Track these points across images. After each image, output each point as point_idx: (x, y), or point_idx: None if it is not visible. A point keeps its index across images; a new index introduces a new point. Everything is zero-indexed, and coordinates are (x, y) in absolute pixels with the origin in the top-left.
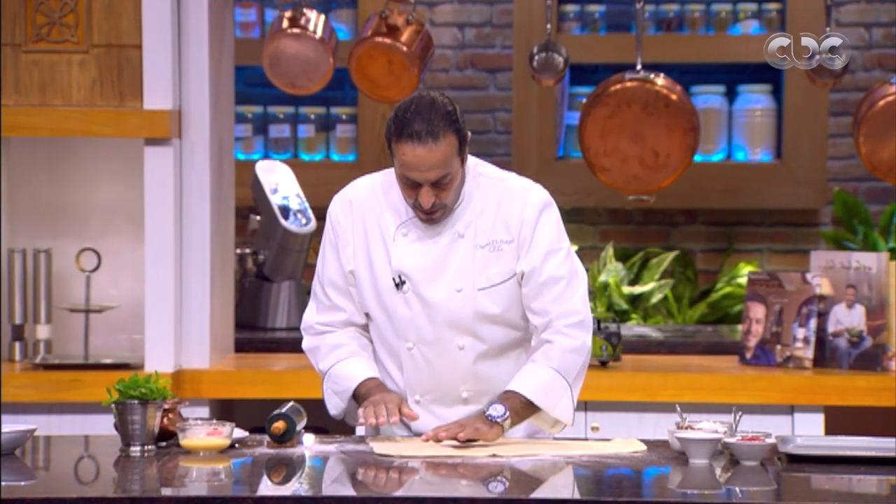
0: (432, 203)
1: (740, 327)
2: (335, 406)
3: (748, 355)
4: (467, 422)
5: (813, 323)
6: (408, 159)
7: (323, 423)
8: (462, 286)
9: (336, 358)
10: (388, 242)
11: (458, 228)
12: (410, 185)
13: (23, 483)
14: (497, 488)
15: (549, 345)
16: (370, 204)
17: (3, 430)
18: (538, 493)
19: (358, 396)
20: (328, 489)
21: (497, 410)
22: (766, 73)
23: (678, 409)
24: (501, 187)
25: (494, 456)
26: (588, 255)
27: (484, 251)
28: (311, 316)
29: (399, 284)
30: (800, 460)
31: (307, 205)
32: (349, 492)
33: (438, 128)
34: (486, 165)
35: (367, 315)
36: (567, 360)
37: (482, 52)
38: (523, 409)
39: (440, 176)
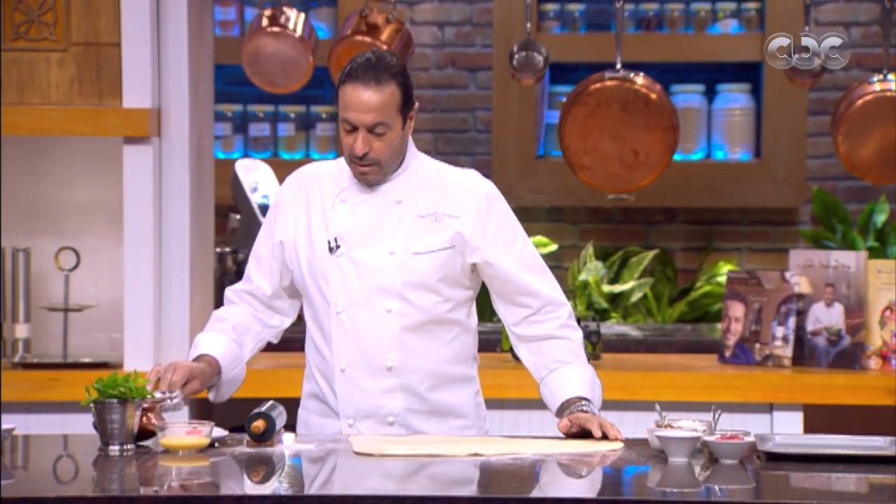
0: (365, 152)
1: (720, 326)
2: None
3: (727, 354)
4: (591, 418)
5: (792, 321)
6: (348, 99)
7: None
8: (395, 249)
9: (207, 329)
10: (326, 212)
11: (396, 195)
12: (348, 131)
13: (1, 482)
14: (477, 487)
15: (567, 342)
16: (316, 180)
17: None
18: (518, 492)
19: None
20: (308, 488)
21: (595, 409)
22: (745, 73)
23: (657, 407)
24: (446, 171)
25: (475, 455)
26: (568, 253)
27: (425, 220)
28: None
29: (333, 248)
30: (779, 459)
31: None
32: (329, 490)
33: (382, 75)
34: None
35: (303, 292)
36: (586, 354)
37: (462, 50)
38: None
39: (376, 122)
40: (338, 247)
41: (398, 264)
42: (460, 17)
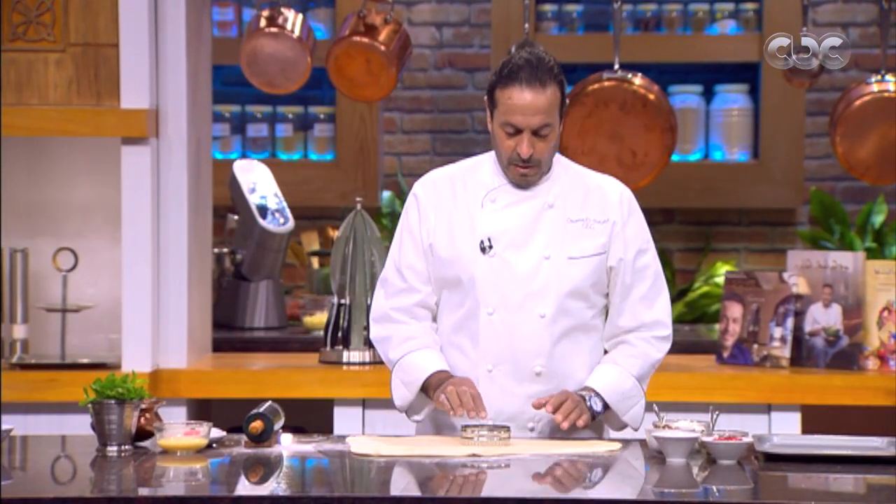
0: (530, 154)
1: (718, 326)
2: (401, 397)
3: (725, 354)
4: (572, 397)
5: (790, 322)
6: (514, 102)
7: (300, 423)
8: (550, 254)
9: (408, 348)
10: (473, 212)
11: (547, 199)
12: (511, 134)
13: None
14: (476, 488)
15: (633, 348)
16: (453, 183)
17: None
18: (517, 492)
19: (427, 387)
20: (306, 489)
21: (597, 405)
22: (743, 73)
23: (655, 408)
24: (587, 175)
25: (473, 455)
26: None
27: (576, 225)
28: (381, 304)
29: (486, 248)
30: (776, 459)
31: (285, 204)
32: (327, 491)
33: (545, 76)
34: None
35: (447, 290)
36: (646, 371)
37: (460, 51)
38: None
39: (542, 123)
40: (490, 247)
41: (554, 269)
42: (458, 18)
